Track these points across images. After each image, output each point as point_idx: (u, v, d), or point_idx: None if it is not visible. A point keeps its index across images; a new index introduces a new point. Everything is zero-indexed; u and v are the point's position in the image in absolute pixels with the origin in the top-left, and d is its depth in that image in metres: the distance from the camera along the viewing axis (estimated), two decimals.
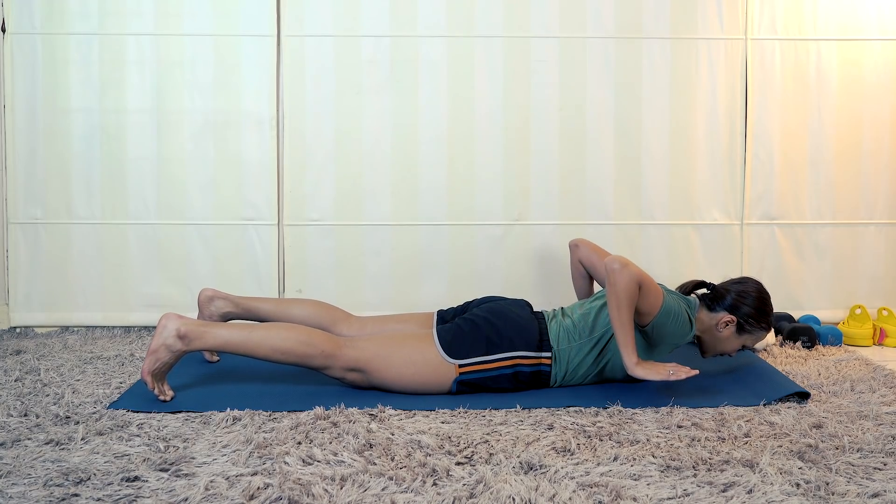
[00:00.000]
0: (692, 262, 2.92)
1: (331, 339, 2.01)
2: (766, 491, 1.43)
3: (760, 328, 2.12)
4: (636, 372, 1.94)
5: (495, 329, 2.04)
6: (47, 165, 2.82)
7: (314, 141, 2.84)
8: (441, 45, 2.84)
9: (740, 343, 2.15)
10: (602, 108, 2.87)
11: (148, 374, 1.92)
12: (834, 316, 2.93)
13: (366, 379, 2.02)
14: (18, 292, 2.84)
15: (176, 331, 1.92)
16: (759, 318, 2.11)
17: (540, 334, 2.06)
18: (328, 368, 2.00)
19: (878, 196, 2.94)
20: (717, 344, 2.16)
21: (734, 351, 2.18)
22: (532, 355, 2.04)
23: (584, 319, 2.09)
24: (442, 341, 2.03)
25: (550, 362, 2.05)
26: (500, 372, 2.03)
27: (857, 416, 1.87)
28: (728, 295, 2.12)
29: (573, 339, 2.07)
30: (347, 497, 1.40)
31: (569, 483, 1.46)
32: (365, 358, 2.00)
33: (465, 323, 2.07)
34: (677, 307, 2.03)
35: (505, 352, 2.02)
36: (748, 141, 2.90)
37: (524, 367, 2.04)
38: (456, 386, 2.03)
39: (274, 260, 2.86)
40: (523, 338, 2.04)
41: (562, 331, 2.08)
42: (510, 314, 2.09)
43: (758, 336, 2.15)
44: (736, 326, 2.11)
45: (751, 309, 2.10)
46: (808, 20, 2.88)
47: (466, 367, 2.01)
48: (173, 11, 2.80)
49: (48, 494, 1.41)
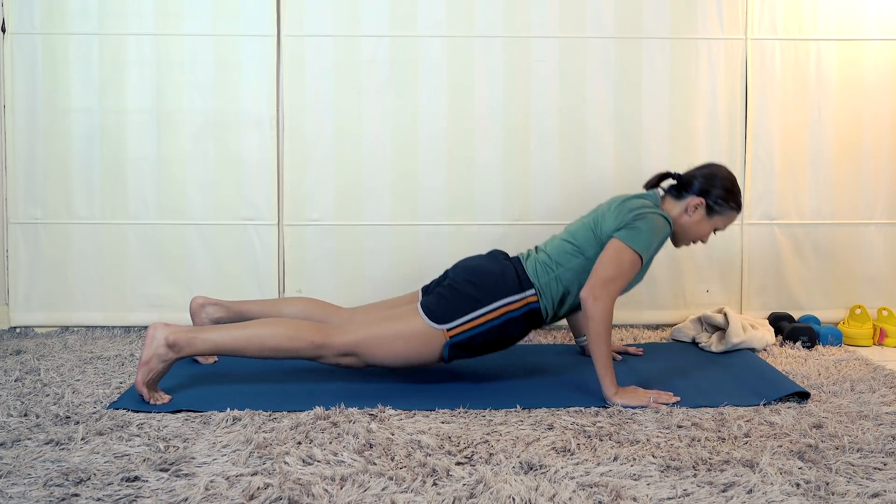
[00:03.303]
0: (692, 261, 2.92)
1: (318, 329, 2.02)
2: (766, 491, 1.43)
3: (730, 207, 2.14)
4: (615, 401, 1.95)
5: (474, 286, 2.07)
6: (47, 165, 2.82)
7: (314, 141, 2.84)
8: (441, 45, 2.84)
9: (711, 226, 2.17)
10: (602, 108, 2.87)
11: (143, 385, 1.92)
12: (834, 316, 2.92)
13: (360, 361, 2.03)
14: (18, 292, 2.84)
15: (165, 339, 1.93)
16: (727, 198, 2.13)
17: (518, 276, 2.08)
18: (321, 357, 2.02)
19: (878, 196, 2.94)
20: (687, 231, 2.17)
21: (706, 236, 2.19)
22: (517, 298, 2.06)
23: (558, 249, 2.13)
24: (426, 311, 2.05)
25: (537, 298, 2.07)
26: (490, 325, 2.04)
27: (857, 416, 1.87)
28: (695, 180, 2.15)
29: (551, 271, 2.09)
30: (347, 497, 1.40)
31: (569, 483, 1.46)
32: (355, 341, 2.01)
33: (444, 289, 2.10)
34: (648, 231, 2.02)
35: (488, 304, 2.04)
36: (748, 141, 2.90)
37: (514, 313, 2.06)
38: (448, 351, 2.04)
39: (274, 260, 2.86)
40: (503, 285, 2.06)
41: (538, 265, 2.11)
42: (485, 267, 2.12)
43: (728, 216, 2.16)
44: (705, 208, 2.13)
45: (720, 190, 2.12)
46: (808, 20, 2.88)
47: (454, 329, 2.03)
48: (173, 11, 2.80)
49: (48, 494, 1.41)
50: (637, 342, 2.68)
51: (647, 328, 2.90)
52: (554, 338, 2.76)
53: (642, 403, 1.94)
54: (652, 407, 1.93)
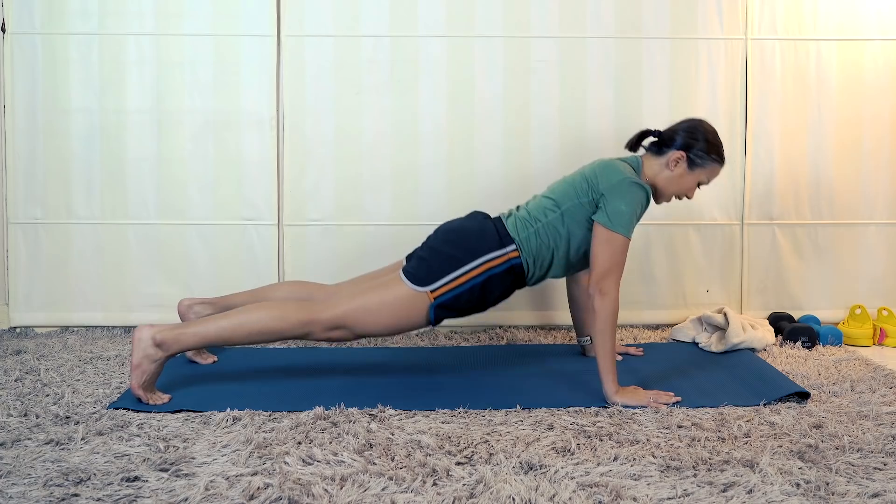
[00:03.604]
0: (692, 261, 2.92)
1: (303, 307, 2.03)
2: (766, 491, 1.43)
3: (712, 160, 2.13)
4: (615, 400, 1.96)
5: (454, 245, 2.08)
6: (47, 165, 2.82)
7: (314, 141, 2.84)
8: (441, 45, 2.83)
9: (694, 180, 2.15)
10: (602, 108, 2.87)
11: (139, 388, 1.92)
12: (834, 316, 2.92)
13: (349, 332, 2.04)
14: (18, 292, 2.84)
15: (152, 339, 1.93)
16: (709, 150, 2.12)
17: (498, 232, 2.09)
18: (310, 334, 2.02)
19: (878, 196, 2.94)
20: (669, 186, 2.16)
21: (691, 191, 2.17)
22: (498, 254, 2.07)
23: (537, 206, 2.15)
24: (409, 276, 2.06)
25: (518, 254, 2.08)
26: (472, 283, 2.05)
27: (857, 416, 1.87)
28: (676, 135, 2.14)
29: (530, 226, 2.10)
30: (347, 497, 1.40)
31: (569, 483, 1.46)
32: (342, 313, 2.02)
33: (424, 252, 2.12)
34: (630, 210, 2.03)
35: (470, 262, 2.05)
36: (748, 141, 2.90)
37: (496, 269, 2.06)
38: (434, 313, 2.05)
39: (274, 260, 2.85)
40: (484, 242, 2.07)
41: (518, 221, 2.12)
42: (465, 227, 2.13)
43: (710, 169, 2.14)
44: (687, 162, 2.12)
45: (702, 143, 2.12)
46: (808, 20, 2.88)
47: (438, 290, 2.04)
48: (173, 11, 2.80)
49: (48, 494, 1.41)
50: (637, 342, 2.68)
51: (647, 328, 2.90)
52: (554, 338, 2.76)
53: (642, 403, 1.94)
54: (652, 407, 1.93)
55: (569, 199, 2.11)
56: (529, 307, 2.90)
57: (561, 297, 2.87)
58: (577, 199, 2.10)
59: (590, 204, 2.09)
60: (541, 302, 2.90)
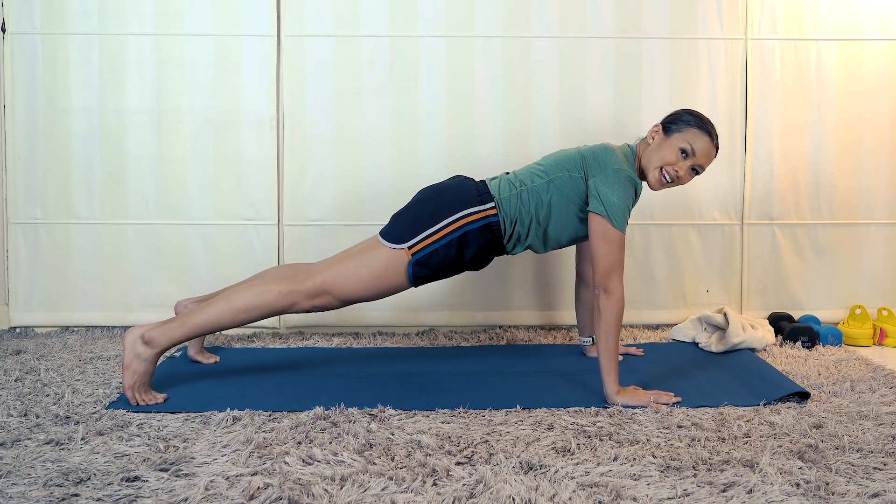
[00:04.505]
0: (692, 261, 2.92)
1: (284, 278, 2.05)
2: (766, 491, 1.43)
3: (684, 122, 2.08)
4: (616, 400, 1.96)
5: (432, 201, 2.10)
6: (47, 165, 2.82)
7: (314, 141, 2.84)
8: (441, 45, 2.83)
9: (673, 147, 2.07)
10: (602, 108, 2.87)
11: (129, 389, 1.93)
12: (834, 316, 2.92)
13: (333, 298, 2.05)
14: (18, 292, 2.84)
15: (140, 338, 1.94)
16: (681, 114, 2.12)
17: (478, 189, 2.11)
18: (295, 304, 2.03)
19: (878, 196, 2.94)
20: (652, 158, 2.10)
21: (674, 159, 2.07)
22: (476, 210, 2.07)
23: (526, 172, 2.16)
24: (385, 236, 2.09)
25: (496, 212, 2.08)
26: (449, 238, 2.05)
27: (857, 416, 1.87)
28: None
29: (514, 188, 2.11)
30: (347, 497, 1.40)
31: (569, 483, 1.46)
32: (322, 280, 2.04)
33: (401, 211, 2.14)
34: (623, 205, 2.04)
35: (447, 217, 2.06)
36: (748, 141, 2.90)
37: (472, 225, 2.06)
38: (412, 270, 2.05)
39: (274, 260, 2.85)
40: (462, 198, 2.09)
41: (503, 182, 2.14)
42: (443, 186, 2.16)
43: (687, 133, 2.06)
44: (662, 129, 2.12)
45: (677, 113, 2.13)
46: (808, 20, 2.88)
47: (415, 246, 2.05)
48: (173, 11, 2.80)
49: (48, 494, 1.41)
50: (637, 342, 2.68)
51: (647, 328, 2.90)
52: (554, 338, 2.76)
53: (642, 403, 1.94)
54: (652, 407, 1.93)
55: (559, 170, 2.12)
56: (529, 307, 2.90)
57: (561, 297, 2.87)
58: (567, 172, 2.11)
59: (580, 180, 2.09)
60: (541, 302, 2.90)
